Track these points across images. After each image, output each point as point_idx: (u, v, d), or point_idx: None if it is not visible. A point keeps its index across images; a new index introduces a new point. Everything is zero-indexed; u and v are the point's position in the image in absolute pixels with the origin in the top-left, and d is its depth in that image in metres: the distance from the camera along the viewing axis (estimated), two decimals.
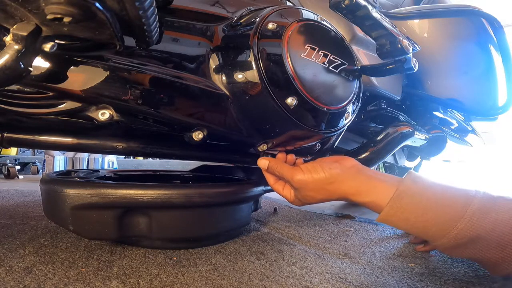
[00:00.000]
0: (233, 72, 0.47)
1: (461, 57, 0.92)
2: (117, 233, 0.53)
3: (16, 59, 0.29)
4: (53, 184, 0.53)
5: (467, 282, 0.49)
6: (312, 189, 0.50)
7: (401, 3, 0.97)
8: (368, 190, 0.47)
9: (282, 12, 0.51)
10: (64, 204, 0.51)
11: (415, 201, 0.43)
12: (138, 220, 0.54)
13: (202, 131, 0.49)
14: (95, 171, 0.80)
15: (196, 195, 0.55)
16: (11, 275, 0.44)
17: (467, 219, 0.40)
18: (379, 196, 0.46)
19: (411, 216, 0.43)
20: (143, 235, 0.55)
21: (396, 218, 0.45)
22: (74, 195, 0.51)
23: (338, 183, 0.49)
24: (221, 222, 0.60)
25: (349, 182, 0.49)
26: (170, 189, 0.53)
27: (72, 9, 0.27)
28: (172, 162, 2.68)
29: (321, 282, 0.47)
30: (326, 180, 0.49)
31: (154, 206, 0.52)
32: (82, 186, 0.51)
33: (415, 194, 0.44)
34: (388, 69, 0.54)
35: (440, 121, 1.11)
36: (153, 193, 0.52)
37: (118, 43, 0.33)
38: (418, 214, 0.43)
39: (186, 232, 0.57)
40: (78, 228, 0.52)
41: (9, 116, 0.44)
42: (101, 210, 0.52)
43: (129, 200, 0.51)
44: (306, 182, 0.50)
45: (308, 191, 0.51)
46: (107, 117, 0.44)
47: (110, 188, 0.51)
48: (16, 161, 2.38)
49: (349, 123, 0.58)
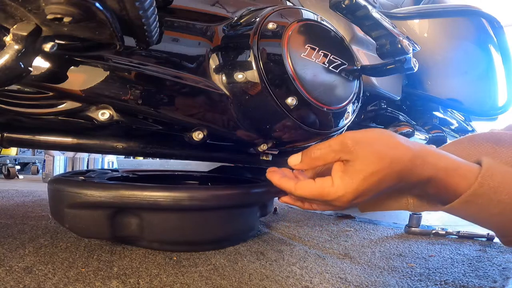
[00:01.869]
0: (233, 72, 0.47)
1: (461, 57, 0.93)
2: (110, 232, 0.53)
3: (16, 59, 0.29)
4: (54, 183, 0.54)
5: (467, 282, 0.49)
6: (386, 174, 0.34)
7: (401, 3, 0.97)
8: (455, 165, 0.35)
9: (282, 12, 0.51)
10: (61, 202, 0.53)
11: (508, 180, 0.34)
12: (130, 220, 0.54)
13: (202, 131, 0.49)
14: (114, 170, 0.80)
15: (186, 199, 0.52)
16: (11, 275, 0.44)
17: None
18: (459, 176, 0.35)
19: (505, 197, 0.33)
20: (137, 236, 0.55)
21: (485, 199, 0.34)
22: (68, 194, 0.52)
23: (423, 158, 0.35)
24: (213, 228, 0.57)
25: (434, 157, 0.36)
26: (159, 191, 0.52)
27: (72, 9, 0.27)
28: (173, 162, 2.68)
29: (321, 282, 0.47)
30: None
31: (142, 207, 0.52)
32: (77, 186, 0.52)
33: (507, 173, 0.35)
34: (388, 69, 0.54)
35: (440, 121, 1.11)
36: (144, 194, 0.51)
37: (118, 43, 0.33)
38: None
39: (178, 236, 0.56)
40: (72, 226, 0.53)
41: (9, 116, 0.44)
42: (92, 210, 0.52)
43: (117, 200, 0.51)
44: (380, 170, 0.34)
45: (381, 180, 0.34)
46: (107, 117, 0.44)
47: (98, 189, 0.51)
48: (16, 161, 2.38)
49: (349, 123, 0.58)
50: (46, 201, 1.07)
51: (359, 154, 0.35)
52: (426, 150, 0.37)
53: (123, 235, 0.55)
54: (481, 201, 0.34)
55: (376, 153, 0.34)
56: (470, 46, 0.93)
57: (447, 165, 0.35)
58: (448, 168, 0.35)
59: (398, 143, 0.35)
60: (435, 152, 0.37)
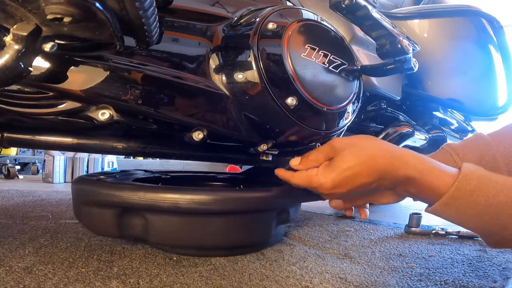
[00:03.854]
0: (233, 72, 0.47)
1: (461, 57, 0.93)
2: (117, 232, 0.54)
3: (16, 59, 0.29)
4: (75, 183, 0.58)
5: (467, 282, 0.49)
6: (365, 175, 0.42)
7: (401, 3, 0.97)
8: (433, 168, 0.41)
9: (282, 12, 0.51)
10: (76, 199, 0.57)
11: (484, 184, 0.38)
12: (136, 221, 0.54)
13: (202, 131, 0.49)
14: (147, 171, 0.79)
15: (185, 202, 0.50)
16: (11, 275, 0.44)
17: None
18: (434, 178, 0.40)
19: (481, 199, 0.37)
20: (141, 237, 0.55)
21: (462, 202, 0.38)
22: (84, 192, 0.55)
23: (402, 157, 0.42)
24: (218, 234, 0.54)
25: (412, 158, 0.42)
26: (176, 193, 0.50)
27: (72, 9, 0.27)
28: (173, 162, 2.68)
29: (321, 282, 0.47)
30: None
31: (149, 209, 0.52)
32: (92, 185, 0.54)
33: (482, 177, 0.38)
34: (388, 69, 0.54)
35: (440, 121, 1.11)
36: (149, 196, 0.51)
37: (118, 43, 0.33)
38: (489, 196, 0.37)
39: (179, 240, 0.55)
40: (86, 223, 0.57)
41: (9, 116, 0.44)
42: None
43: (120, 200, 0.51)
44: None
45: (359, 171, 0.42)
46: (107, 117, 0.44)
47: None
48: (16, 161, 2.38)
49: (349, 123, 0.58)
50: (46, 201, 1.07)
51: (341, 153, 0.43)
52: (406, 153, 0.43)
53: (130, 234, 0.55)
54: (459, 203, 0.39)
55: (354, 153, 0.43)
56: (470, 46, 0.93)
57: (423, 167, 0.41)
58: (424, 169, 0.41)
59: (379, 146, 0.43)
60: (414, 155, 0.43)
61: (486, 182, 0.38)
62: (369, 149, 0.43)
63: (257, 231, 0.59)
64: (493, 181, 0.38)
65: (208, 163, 2.67)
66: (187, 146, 0.55)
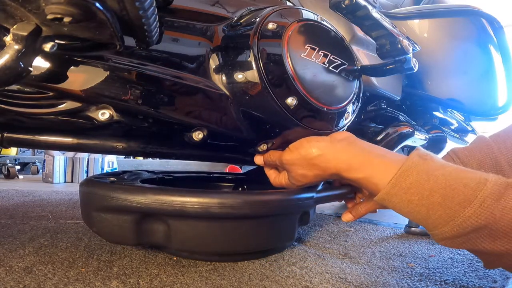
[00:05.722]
0: (233, 72, 0.47)
1: (461, 57, 0.92)
2: (136, 239, 0.51)
3: (16, 59, 0.29)
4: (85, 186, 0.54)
5: (467, 282, 0.49)
6: (302, 166, 0.47)
7: (401, 3, 0.97)
8: (361, 164, 0.43)
9: (282, 12, 0.51)
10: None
11: (421, 180, 0.38)
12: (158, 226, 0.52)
13: (202, 131, 0.49)
14: (149, 172, 0.78)
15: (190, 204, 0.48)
16: (11, 275, 0.44)
17: (477, 205, 0.35)
18: (377, 172, 0.42)
19: (415, 198, 0.38)
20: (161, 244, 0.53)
21: (397, 199, 0.39)
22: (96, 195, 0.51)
23: (326, 156, 0.45)
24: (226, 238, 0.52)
25: (338, 155, 0.45)
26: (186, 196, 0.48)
27: (72, 9, 0.27)
28: (173, 162, 2.68)
29: (321, 282, 0.47)
30: (314, 155, 0.46)
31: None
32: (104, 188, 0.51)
33: (422, 173, 0.39)
34: (388, 69, 0.54)
35: (440, 121, 1.11)
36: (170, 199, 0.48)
37: (118, 43, 0.33)
38: (423, 195, 0.38)
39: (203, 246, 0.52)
40: (98, 230, 0.52)
41: (9, 116, 0.44)
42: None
43: (141, 205, 0.48)
44: (294, 160, 0.47)
45: (298, 170, 0.48)
46: (107, 117, 0.44)
47: None
48: (16, 161, 2.38)
49: (349, 123, 0.58)
50: (46, 201, 1.07)
51: (292, 171, 0.49)
52: (334, 149, 0.46)
53: (149, 241, 0.52)
54: (395, 200, 0.40)
55: (300, 173, 0.48)
56: (470, 46, 0.93)
57: (349, 162, 0.44)
58: (351, 165, 0.44)
59: (316, 166, 0.46)
60: (344, 151, 0.45)
61: (424, 179, 0.38)
62: (314, 141, 0.47)
63: (285, 233, 0.59)
64: (431, 180, 0.38)
65: (208, 163, 2.68)
66: (187, 146, 0.55)
